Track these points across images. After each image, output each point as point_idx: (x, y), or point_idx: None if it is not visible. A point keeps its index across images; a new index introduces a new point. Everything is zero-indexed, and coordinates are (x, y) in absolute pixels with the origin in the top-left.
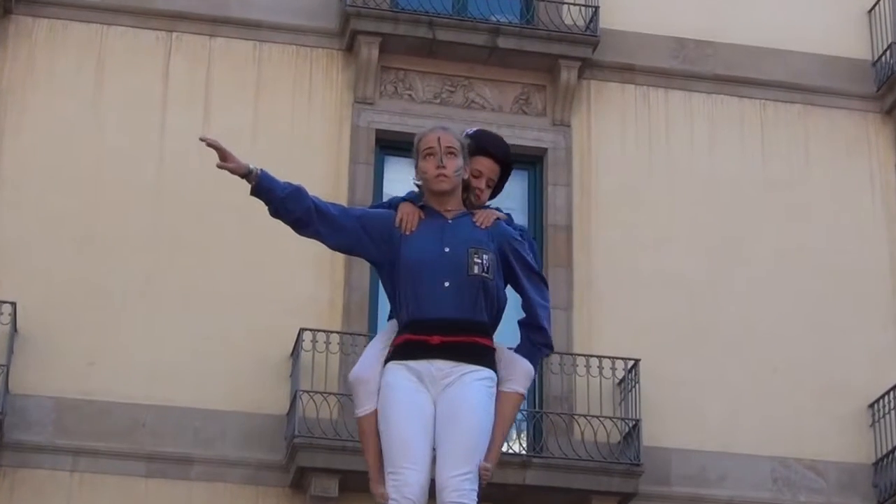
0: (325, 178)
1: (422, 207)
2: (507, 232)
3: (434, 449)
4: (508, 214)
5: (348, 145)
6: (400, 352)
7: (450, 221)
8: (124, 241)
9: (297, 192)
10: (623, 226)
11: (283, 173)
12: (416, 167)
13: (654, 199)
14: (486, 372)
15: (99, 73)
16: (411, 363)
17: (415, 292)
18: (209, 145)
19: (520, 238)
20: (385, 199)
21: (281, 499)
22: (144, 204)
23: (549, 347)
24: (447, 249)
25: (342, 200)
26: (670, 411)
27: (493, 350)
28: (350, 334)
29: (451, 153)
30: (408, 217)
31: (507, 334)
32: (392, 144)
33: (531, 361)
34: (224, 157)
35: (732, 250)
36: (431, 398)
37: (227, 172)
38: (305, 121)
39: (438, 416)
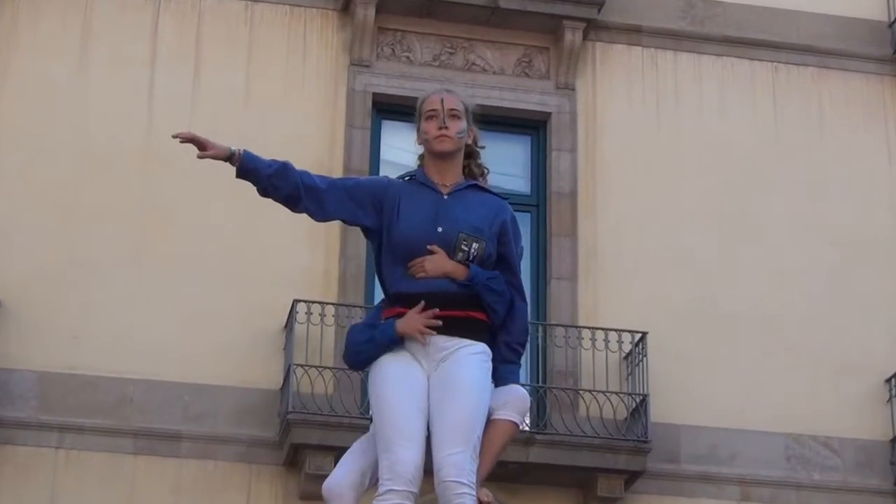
0: (320, 143)
1: (418, 181)
2: (512, 224)
3: (429, 427)
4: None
5: (344, 109)
6: None
7: (445, 197)
8: (111, 209)
9: (284, 169)
10: (630, 193)
11: (276, 138)
12: (418, 130)
13: (662, 166)
14: (481, 346)
15: (85, 34)
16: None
17: (406, 266)
18: (184, 140)
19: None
20: (382, 164)
21: (274, 477)
22: (132, 170)
23: (522, 346)
24: (440, 229)
25: (337, 166)
26: (679, 386)
27: (488, 324)
28: (346, 305)
29: (454, 115)
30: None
31: None
32: (389, 108)
33: (513, 368)
34: (203, 146)
35: (743, 218)
36: (425, 373)
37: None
38: (299, 84)
39: (433, 392)
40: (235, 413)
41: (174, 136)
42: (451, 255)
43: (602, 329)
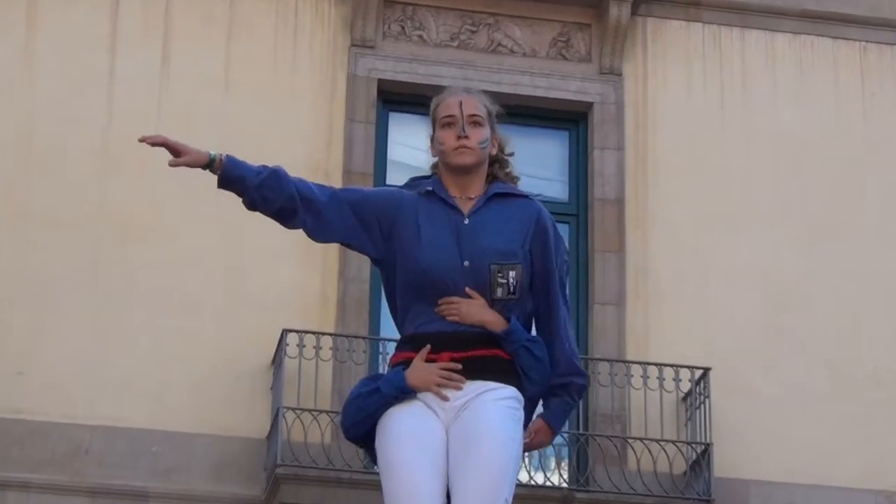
0: (315, 139)
1: (434, 194)
2: (552, 229)
3: (448, 489)
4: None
5: (344, 99)
6: None
7: (466, 222)
8: (63, 219)
9: (275, 176)
10: (688, 199)
11: (261, 134)
12: (432, 139)
13: (727, 166)
14: (510, 390)
15: (31, 8)
16: None
17: (425, 305)
18: (154, 145)
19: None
20: (389, 165)
21: None
22: (88, 173)
23: (579, 375)
24: (466, 263)
25: (336, 168)
26: (749, 433)
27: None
28: (346, 336)
29: (475, 122)
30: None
31: None
32: (397, 98)
33: (563, 410)
34: (176, 152)
35: (825, 230)
36: (443, 425)
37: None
38: (290, 68)
39: (452, 447)
40: (213, 466)
41: (141, 140)
42: (490, 294)
43: (655, 364)
